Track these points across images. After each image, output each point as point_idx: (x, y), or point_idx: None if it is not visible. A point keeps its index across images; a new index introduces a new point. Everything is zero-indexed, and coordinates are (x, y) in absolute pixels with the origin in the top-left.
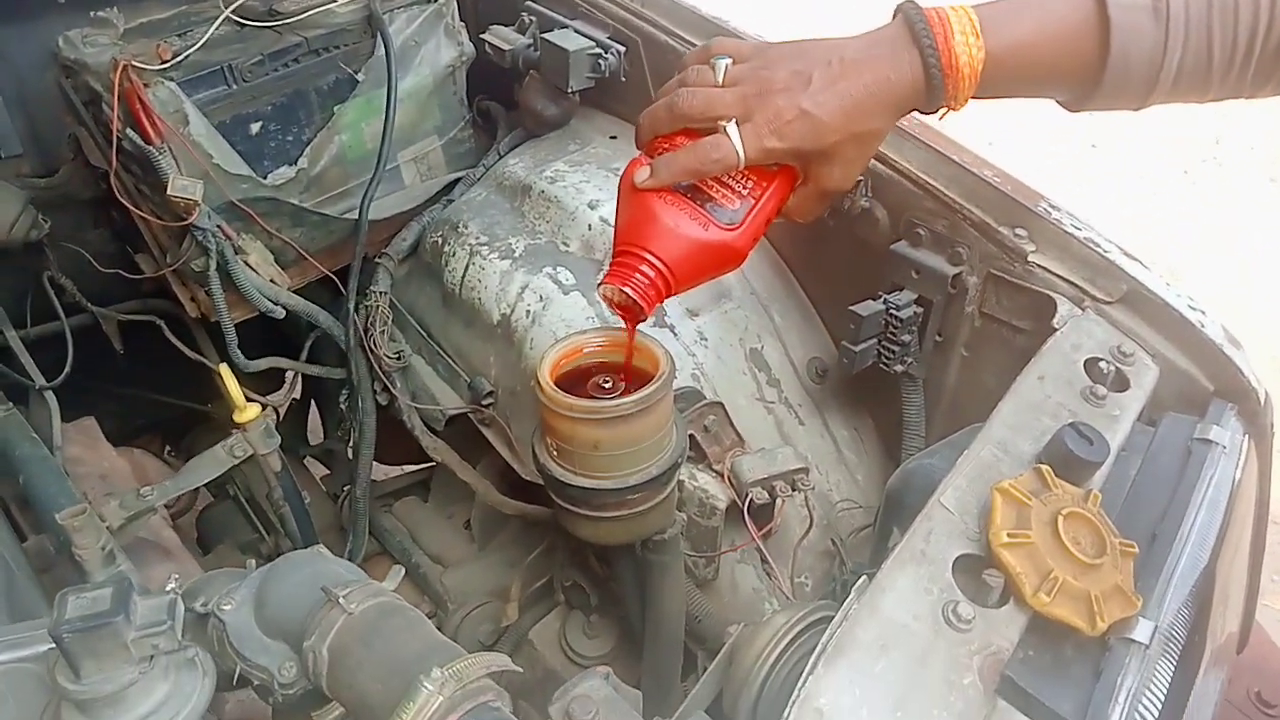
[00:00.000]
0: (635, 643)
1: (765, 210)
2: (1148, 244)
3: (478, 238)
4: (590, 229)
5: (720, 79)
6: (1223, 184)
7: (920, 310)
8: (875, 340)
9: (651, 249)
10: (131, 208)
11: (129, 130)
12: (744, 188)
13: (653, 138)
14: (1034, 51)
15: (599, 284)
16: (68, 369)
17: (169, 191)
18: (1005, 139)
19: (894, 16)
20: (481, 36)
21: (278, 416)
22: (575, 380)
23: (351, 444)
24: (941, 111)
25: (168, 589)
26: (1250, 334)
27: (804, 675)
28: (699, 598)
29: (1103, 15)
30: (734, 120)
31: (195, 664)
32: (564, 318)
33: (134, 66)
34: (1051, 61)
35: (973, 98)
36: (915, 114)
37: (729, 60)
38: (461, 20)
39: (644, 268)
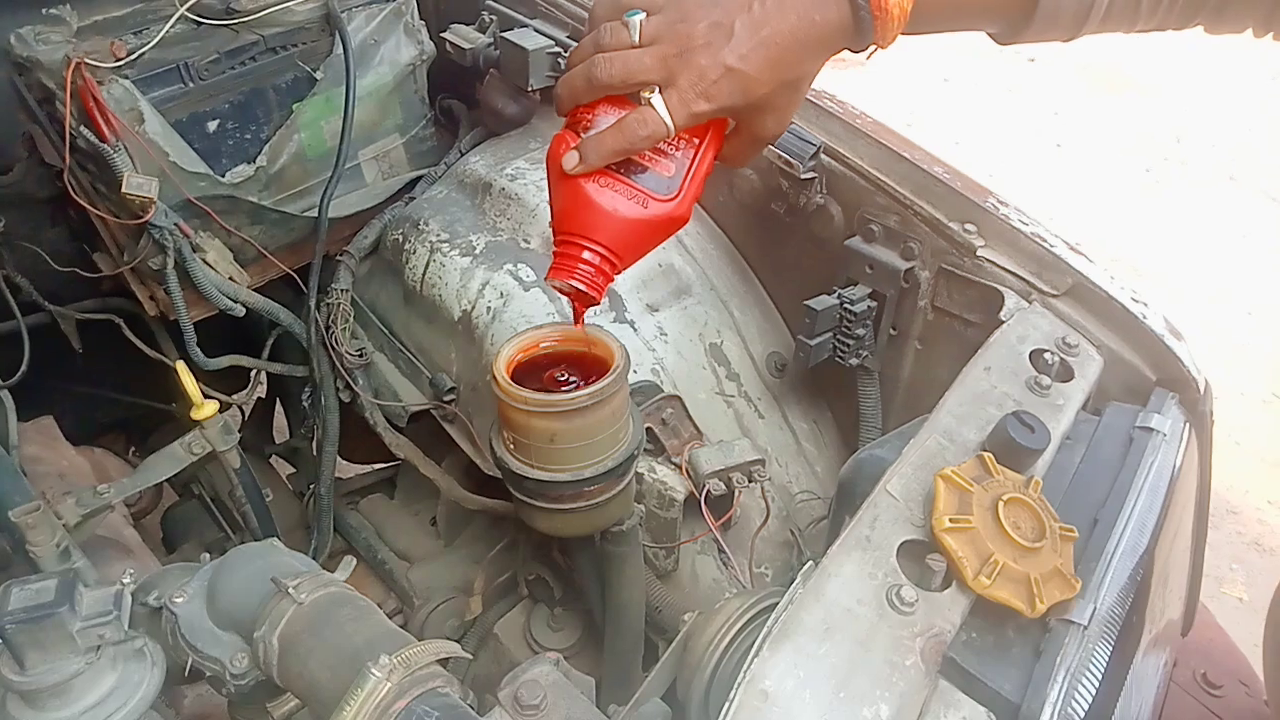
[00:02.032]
0: (599, 634)
1: (701, 169)
2: (1112, 240)
3: (438, 235)
4: (550, 226)
5: (636, 37)
6: (1184, 181)
7: (874, 304)
8: (830, 334)
9: (592, 236)
10: (88, 206)
11: (83, 128)
12: (676, 149)
13: (572, 107)
14: None
15: (546, 277)
16: (23, 368)
17: (124, 189)
18: (971, 138)
19: None
20: (442, 35)
21: (243, 415)
22: (532, 374)
23: (315, 441)
24: (869, 50)
25: (122, 583)
26: (1210, 326)
27: (749, 658)
28: (659, 588)
29: None
30: (657, 88)
31: (144, 654)
32: (525, 314)
33: (87, 64)
34: None
35: (903, 34)
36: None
37: (642, 15)
38: (422, 19)
39: (587, 256)
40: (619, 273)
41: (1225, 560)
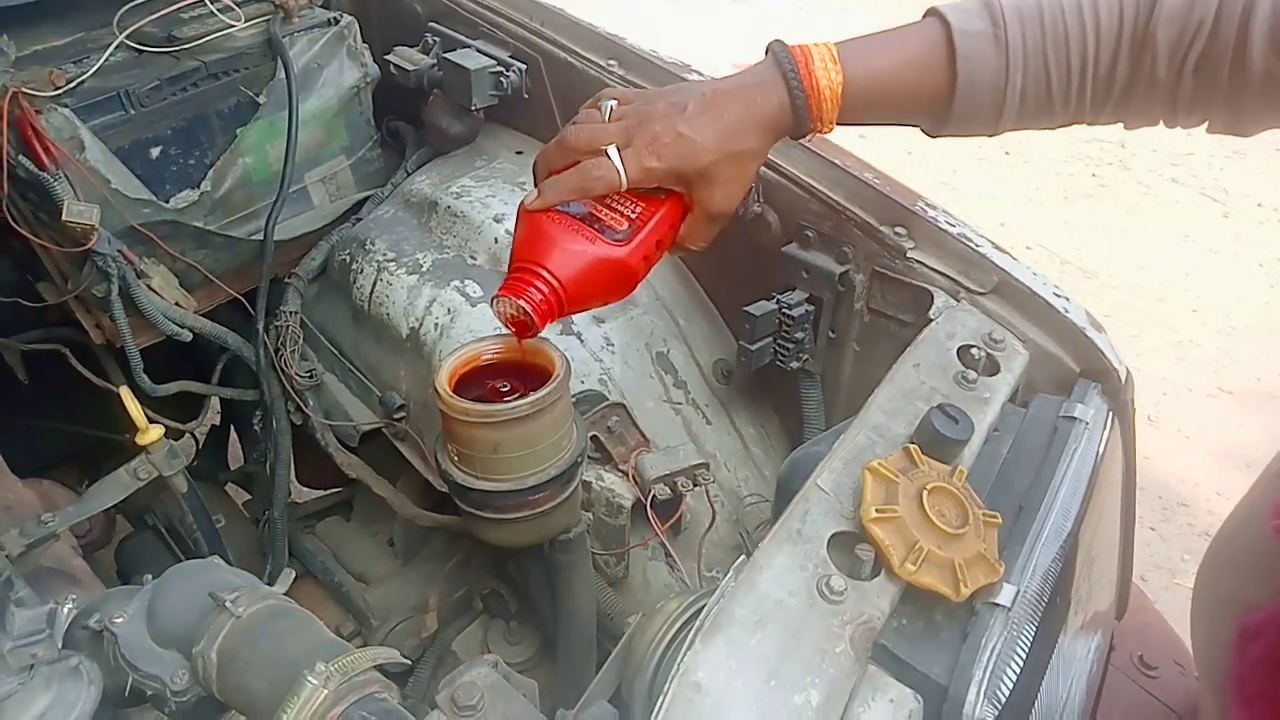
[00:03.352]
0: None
1: (655, 232)
2: (1062, 243)
3: (385, 254)
4: (496, 242)
5: (606, 117)
6: (1129, 184)
7: (812, 308)
8: (770, 339)
9: (543, 263)
10: (29, 235)
11: (21, 157)
12: (632, 212)
13: (546, 174)
14: (889, 79)
15: (493, 298)
16: None
17: (64, 217)
18: (922, 148)
19: (765, 54)
20: (386, 57)
21: (196, 443)
22: (475, 386)
23: (268, 465)
24: (811, 135)
25: (57, 602)
26: (1157, 323)
27: (682, 651)
28: (610, 596)
29: (949, 44)
30: (616, 146)
31: (80, 673)
32: (472, 329)
33: (25, 93)
34: (907, 87)
35: (840, 123)
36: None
37: (614, 102)
38: (365, 42)
39: (538, 283)
40: (564, 312)
41: (1178, 552)
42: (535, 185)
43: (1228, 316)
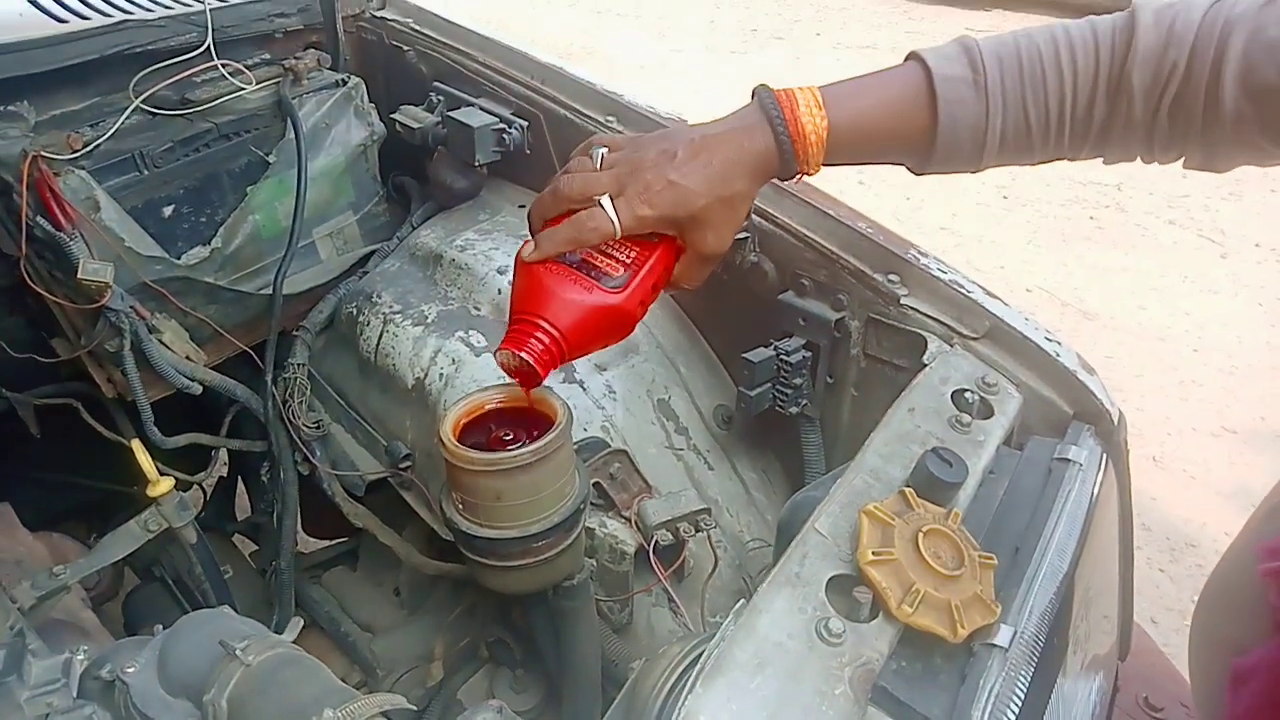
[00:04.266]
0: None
1: (650, 276)
2: (1062, 285)
3: (391, 306)
4: (500, 293)
5: (598, 165)
6: (1127, 226)
7: (809, 354)
8: (769, 385)
9: (543, 315)
10: (45, 293)
11: (39, 218)
12: (627, 257)
13: (541, 224)
14: (873, 122)
15: (495, 351)
16: None
17: (79, 275)
18: (922, 194)
19: (751, 99)
20: (392, 116)
21: (204, 495)
22: (479, 435)
23: (275, 515)
24: (798, 177)
25: (71, 652)
26: (1158, 364)
27: (683, 694)
28: (615, 642)
29: (930, 89)
30: (609, 195)
31: None
32: (476, 378)
33: (44, 157)
34: (889, 131)
35: (826, 164)
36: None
37: (605, 149)
38: (372, 102)
39: (538, 334)
40: (565, 359)
41: (1187, 593)
42: (531, 233)
43: (1229, 356)
